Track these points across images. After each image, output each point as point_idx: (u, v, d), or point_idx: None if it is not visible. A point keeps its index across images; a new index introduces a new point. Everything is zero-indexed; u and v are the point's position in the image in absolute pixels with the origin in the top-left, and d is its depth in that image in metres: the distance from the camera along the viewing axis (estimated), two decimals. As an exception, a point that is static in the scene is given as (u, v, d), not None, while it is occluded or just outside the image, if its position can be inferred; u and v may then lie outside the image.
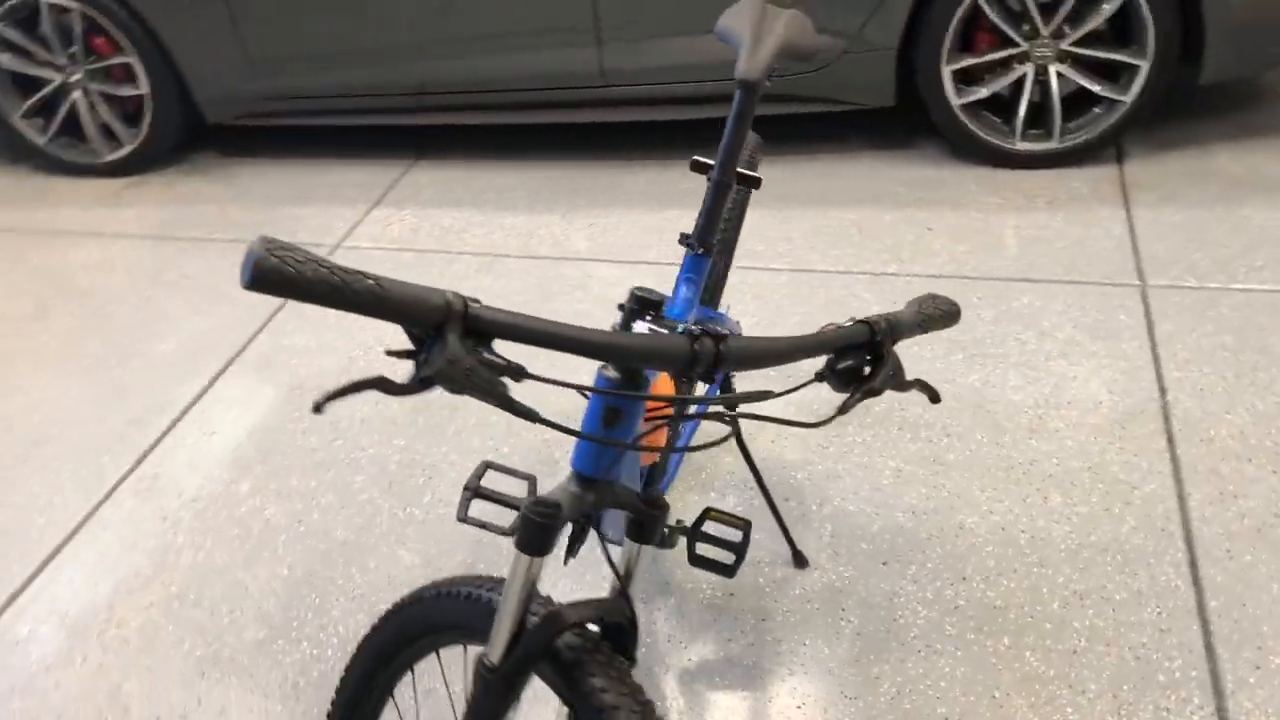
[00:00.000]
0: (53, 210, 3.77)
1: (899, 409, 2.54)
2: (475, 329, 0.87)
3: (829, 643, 2.01)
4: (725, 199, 1.68)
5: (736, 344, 1.03)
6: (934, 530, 2.22)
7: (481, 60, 3.48)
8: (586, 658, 1.11)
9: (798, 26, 1.69)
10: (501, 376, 0.90)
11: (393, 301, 0.82)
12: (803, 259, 3.13)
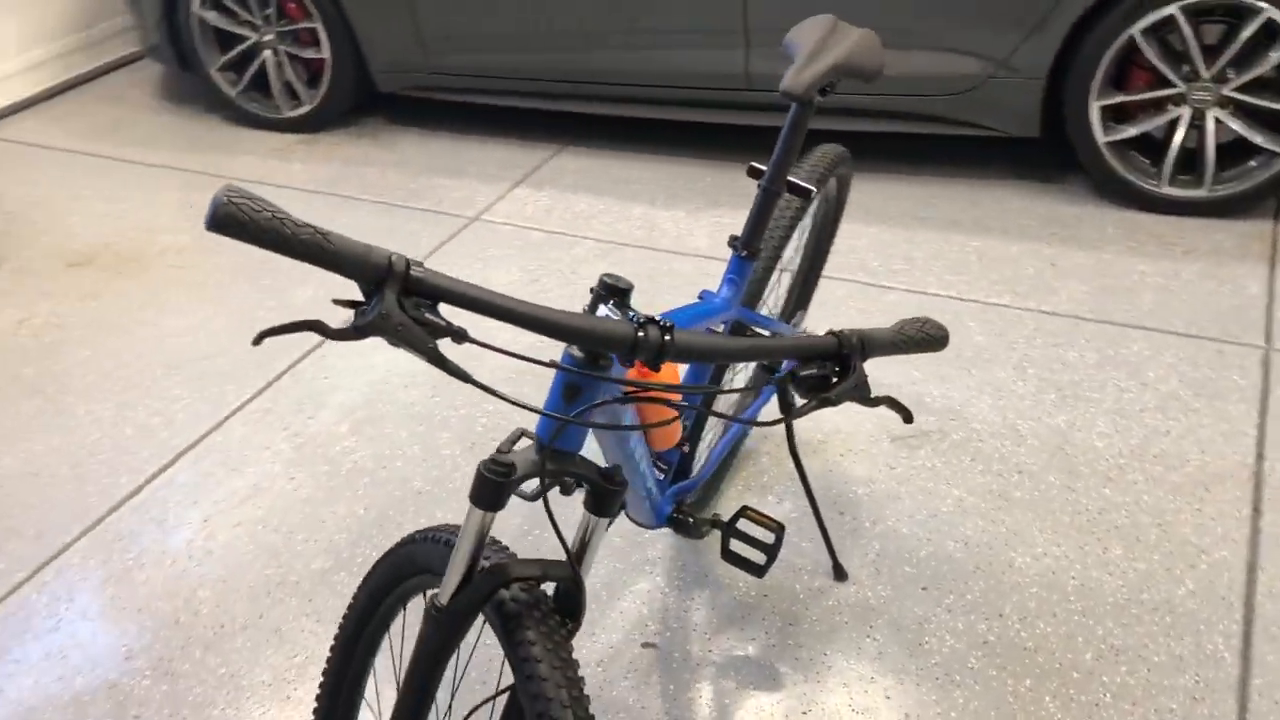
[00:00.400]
0: (232, 158, 4.08)
1: (975, 439, 2.52)
2: (415, 290, 0.97)
3: (849, 657, 2.03)
4: (773, 206, 1.73)
5: (685, 336, 1.09)
6: (982, 563, 2.20)
7: (635, 54, 3.59)
8: (526, 612, 1.19)
9: (863, 46, 1.72)
10: (443, 337, 0.99)
11: (335, 254, 0.92)
12: (917, 280, 3.11)
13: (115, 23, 4.87)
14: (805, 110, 1.70)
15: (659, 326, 1.07)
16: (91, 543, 2.39)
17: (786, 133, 1.70)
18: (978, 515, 2.32)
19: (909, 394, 2.67)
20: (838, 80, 1.69)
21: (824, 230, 2.38)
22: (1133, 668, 1.97)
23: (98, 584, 2.28)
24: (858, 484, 2.43)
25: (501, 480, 1.17)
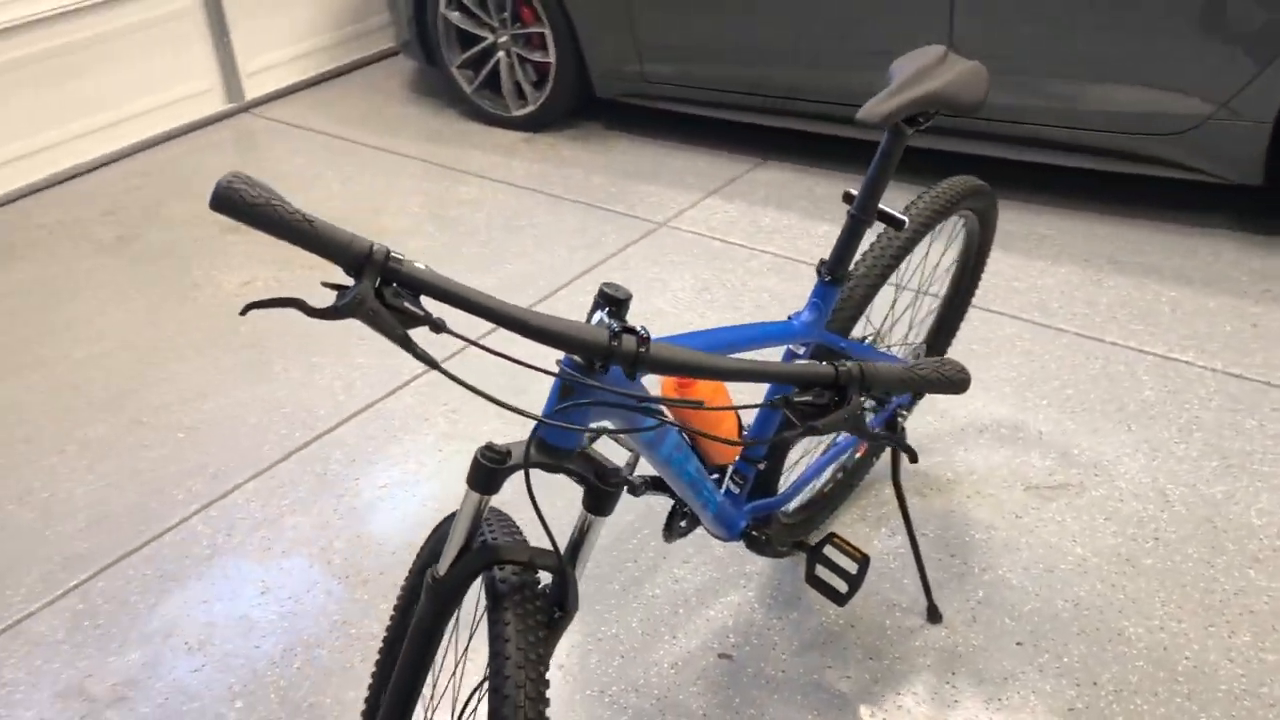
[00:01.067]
0: (462, 151, 4.37)
1: (1115, 499, 2.39)
2: (393, 279, 1.06)
3: (921, 701, 1.99)
4: (861, 233, 1.72)
5: (664, 349, 1.13)
6: (1088, 628, 2.10)
7: (835, 72, 3.58)
8: (510, 594, 1.27)
9: (962, 79, 1.68)
10: (420, 326, 1.08)
11: (318, 239, 1.03)
12: (1095, 327, 2.96)
13: (375, 20, 5.29)
14: (896, 139, 1.69)
15: (636, 337, 1.12)
16: (257, 486, 2.65)
17: (876, 160, 1.69)
18: (1097, 578, 2.21)
19: (1057, 443, 2.55)
20: (932, 111, 1.66)
21: (966, 265, 2.32)
22: (1229, 762, 1.83)
23: (253, 525, 2.54)
24: (977, 528, 2.35)
25: (494, 466, 1.26)
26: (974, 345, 2.93)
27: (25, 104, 4.22)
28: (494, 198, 3.97)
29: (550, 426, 1.28)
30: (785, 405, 1.21)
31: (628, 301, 1.22)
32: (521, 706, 1.19)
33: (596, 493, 1.32)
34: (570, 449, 1.30)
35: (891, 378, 1.21)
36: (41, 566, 2.45)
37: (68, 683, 2.16)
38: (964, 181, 2.03)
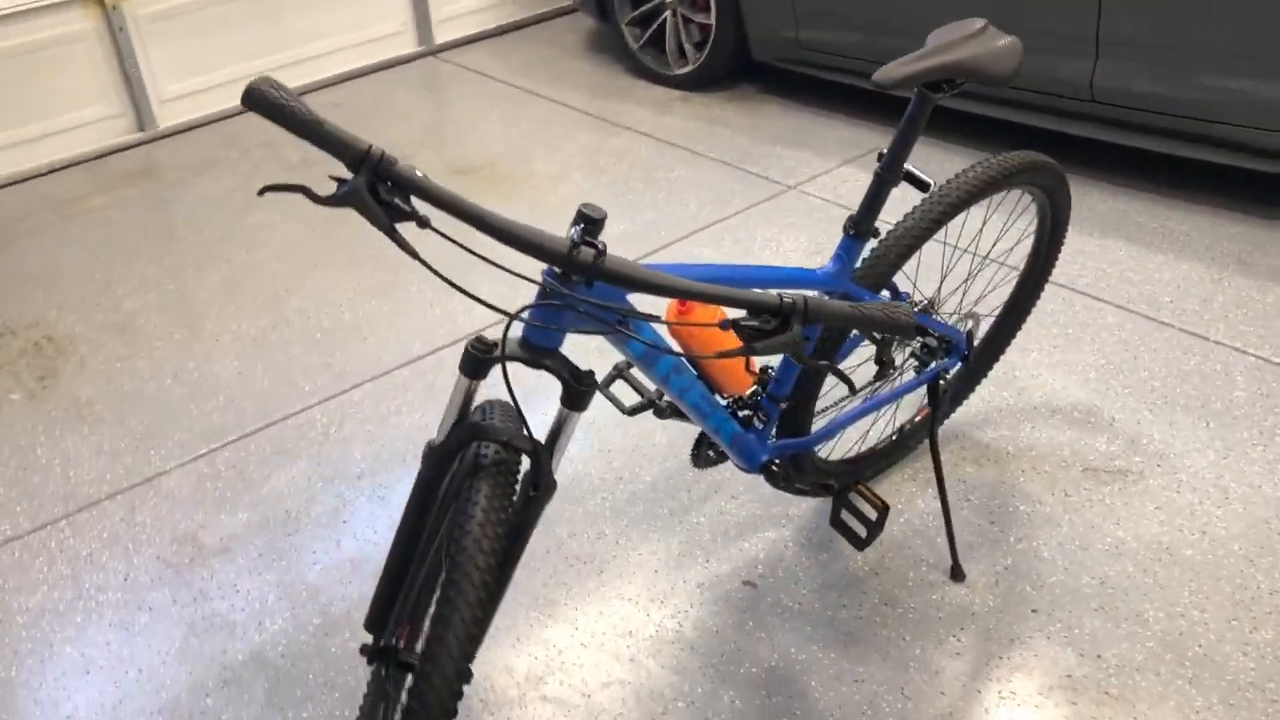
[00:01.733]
0: (620, 105, 4.57)
1: (1171, 489, 2.38)
2: (386, 177, 1.25)
3: (926, 649, 2.08)
4: (886, 192, 1.82)
5: (619, 263, 1.29)
6: (1107, 605, 2.13)
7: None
8: (489, 469, 1.45)
9: (994, 52, 1.74)
10: (407, 221, 1.27)
11: (325, 137, 1.23)
12: (1203, 325, 2.90)
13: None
14: (922, 104, 1.77)
15: (594, 250, 1.29)
16: (373, 387, 2.95)
17: (903, 123, 1.78)
18: (1130, 560, 2.23)
19: (1128, 431, 2.55)
20: (958, 80, 1.73)
21: (1040, 245, 2.35)
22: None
23: (362, 419, 2.83)
24: (1023, 501, 2.40)
25: (480, 356, 1.45)
26: (1069, 329, 2.93)
27: (243, 36, 4.68)
28: (640, 150, 4.15)
29: (533, 327, 1.46)
30: (733, 327, 1.34)
31: (602, 221, 1.37)
32: (475, 558, 1.38)
33: (571, 390, 1.49)
34: (550, 348, 1.48)
35: (836, 313, 1.32)
36: (182, 434, 2.81)
37: (185, 531, 2.50)
38: (1022, 156, 2.07)
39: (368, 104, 4.77)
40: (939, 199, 1.97)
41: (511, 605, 2.22)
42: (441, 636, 1.35)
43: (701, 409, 1.80)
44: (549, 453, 1.54)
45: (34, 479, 2.69)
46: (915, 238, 1.95)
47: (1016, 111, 3.66)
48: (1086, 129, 3.52)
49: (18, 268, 3.66)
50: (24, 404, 2.98)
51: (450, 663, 1.34)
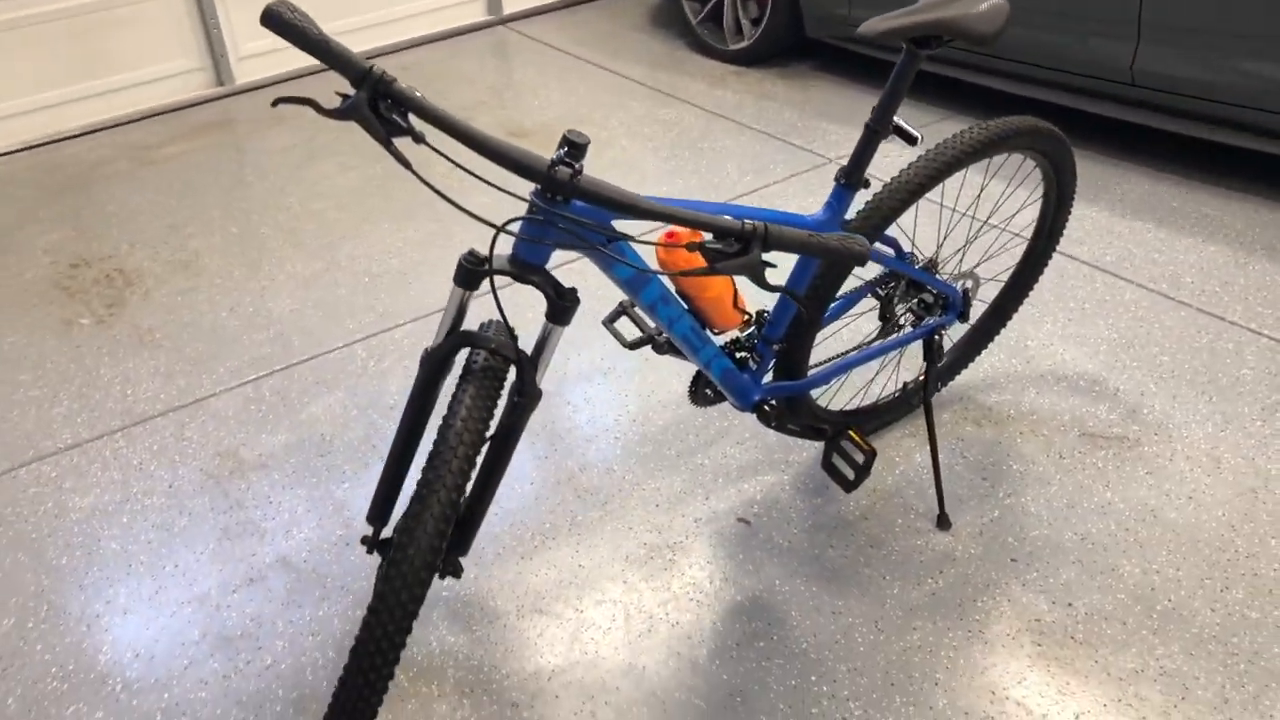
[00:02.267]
0: (675, 77, 4.68)
1: (1165, 458, 2.45)
2: (386, 94, 1.40)
3: (904, 588, 2.18)
4: (874, 144, 1.91)
5: (594, 182, 1.42)
6: (1085, 559, 2.21)
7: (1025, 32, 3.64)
8: (478, 373, 1.59)
9: (979, 13, 1.82)
10: (404, 136, 1.42)
11: (331, 54, 1.37)
12: (1221, 305, 2.94)
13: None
14: (910, 59, 1.86)
15: (570, 169, 1.42)
16: (413, 328, 3.11)
17: (892, 78, 1.88)
18: (1114, 519, 2.30)
19: (1130, 401, 2.62)
20: (941, 38, 1.83)
21: (1046, 213, 2.42)
22: (1169, 692, 1.93)
23: (400, 355, 2.99)
24: (1018, 460, 2.48)
25: (472, 268, 1.59)
26: (1087, 304, 2.99)
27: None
28: (689, 120, 4.27)
29: (522, 243, 1.59)
30: (699, 248, 1.46)
31: (585, 147, 1.50)
32: (455, 449, 1.52)
33: (555, 305, 1.63)
34: (535, 264, 1.61)
35: (793, 239, 1.44)
36: (233, 362, 3.01)
37: (227, 447, 2.69)
38: (1020, 120, 2.15)
39: (436, 68, 4.95)
40: (934, 157, 2.06)
41: (519, 528, 2.37)
42: (415, 520, 1.49)
43: (690, 341, 1.92)
44: (533, 364, 1.67)
45: (96, 395, 2.90)
46: (909, 192, 2.04)
47: (1056, 93, 3.70)
48: (1126, 113, 3.55)
49: (96, 207, 3.90)
50: (92, 328, 3.21)
51: (422, 544, 1.48)
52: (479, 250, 1.60)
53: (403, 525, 1.50)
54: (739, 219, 1.43)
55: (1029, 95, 3.79)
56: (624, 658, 2.06)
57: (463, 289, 1.62)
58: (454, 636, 2.12)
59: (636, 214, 1.44)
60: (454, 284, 1.63)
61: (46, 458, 2.69)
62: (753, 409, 2.16)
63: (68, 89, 4.44)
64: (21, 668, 2.12)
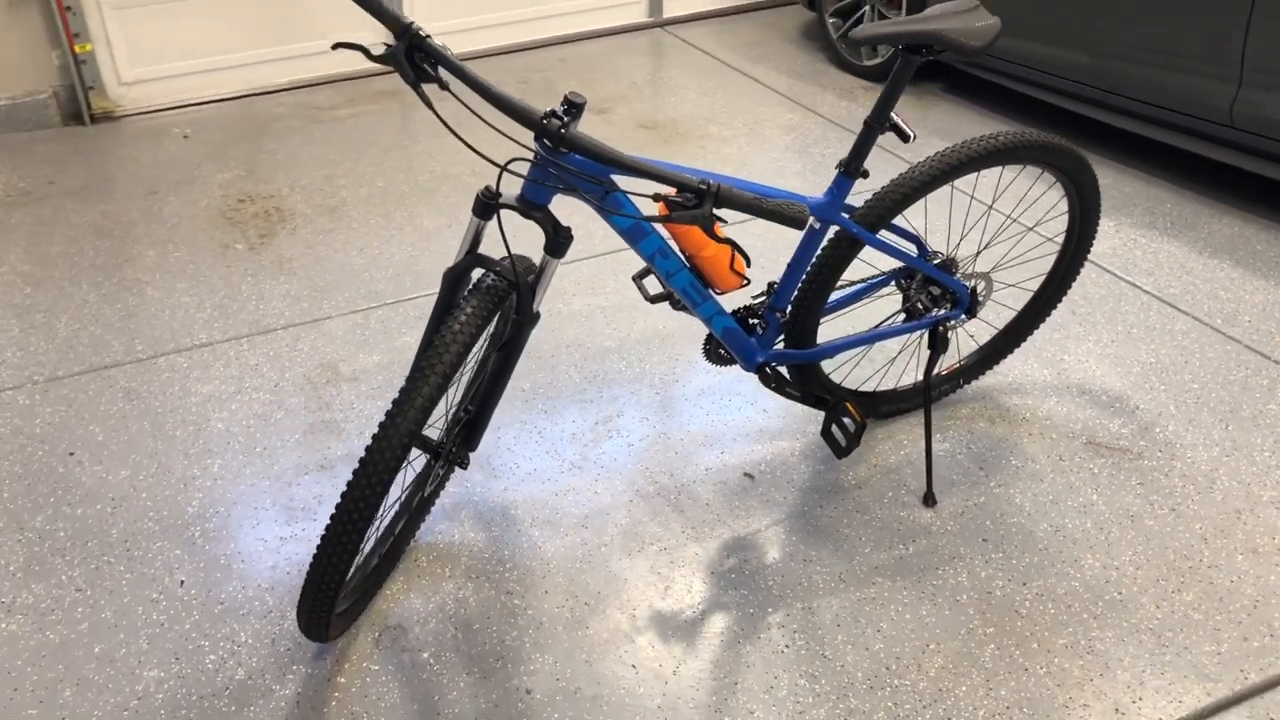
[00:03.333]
0: (806, 86, 4.92)
1: (1161, 472, 2.56)
2: (420, 47, 1.73)
3: (875, 549, 2.39)
4: (872, 138, 2.14)
5: (580, 135, 1.72)
6: (1051, 548, 2.37)
7: (1131, 68, 3.73)
8: (480, 292, 1.90)
9: (970, 29, 2.02)
10: (431, 83, 1.75)
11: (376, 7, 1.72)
12: (1274, 345, 3.00)
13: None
14: (904, 64, 2.08)
15: (560, 121, 1.72)
16: (507, 282, 3.47)
17: (889, 79, 2.10)
18: (1091, 519, 2.44)
19: (1145, 420, 2.73)
20: (934, 48, 2.04)
21: (1071, 229, 2.58)
22: (1089, 668, 2.09)
23: (489, 303, 3.35)
24: (1018, 457, 2.64)
25: (487, 201, 1.91)
26: (1134, 329, 3.10)
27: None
28: (807, 127, 4.51)
29: (529, 184, 1.90)
30: (660, 198, 1.74)
31: (582, 106, 1.80)
32: (449, 347, 1.84)
33: (551, 240, 1.93)
34: (538, 203, 1.92)
35: (741, 199, 1.70)
36: (350, 293, 3.44)
37: (330, 360, 3.10)
38: (1032, 134, 2.33)
39: (589, 61, 5.33)
40: (939, 159, 2.27)
41: (553, 457, 2.68)
42: (405, 397, 1.82)
43: (690, 295, 2.19)
44: (531, 289, 1.98)
45: (233, 306, 3.38)
46: (913, 189, 2.26)
47: (1154, 128, 3.77)
48: (1224, 154, 3.60)
49: (269, 154, 4.43)
50: (244, 253, 3.70)
51: (407, 418, 1.81)
52: (493, 189, 1.92)
53: (395, 401, 1.83)
54: (702, 179, 1.70)
55: (1126, 128, 3.87)
56: (611, 569, 2.35)
57: (478, 218, 1.95)
58: (474, 534, 2.46)
59: (615, 165, 1.73)
60: (472, 214, 1.96)
61: (182, 351, 3.17)
62: (755, 370, 2.41)
63: (266, 50, 5.03)
64: (128, 508, 2.57)
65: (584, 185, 1.92)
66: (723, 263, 2.18)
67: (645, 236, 2.08)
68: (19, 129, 4.77)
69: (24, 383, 3.04)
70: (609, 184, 1.86)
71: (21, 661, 2.17)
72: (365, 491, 1.81)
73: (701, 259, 2.17)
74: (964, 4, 2.11)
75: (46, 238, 3.84)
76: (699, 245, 2.13)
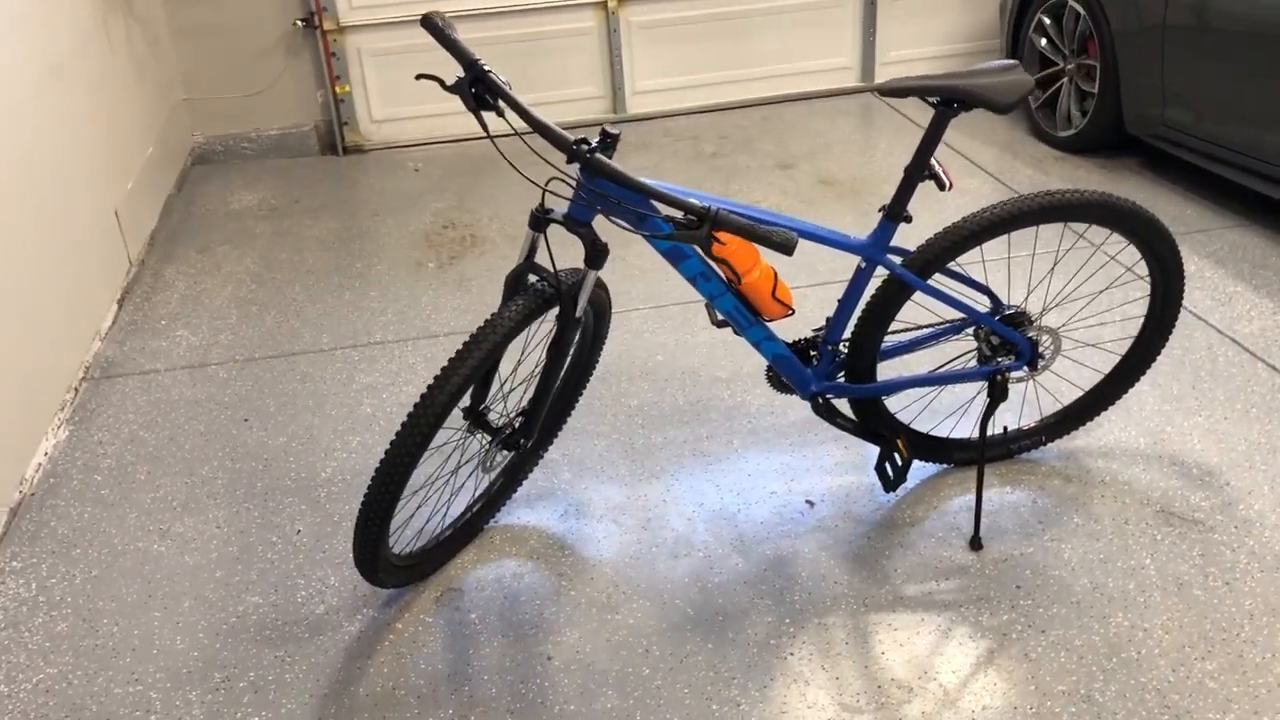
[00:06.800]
0: (996, 153, 4.94)
1: (1229, 548, 2.51)
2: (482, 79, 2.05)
3: (907, 583, 2.48)
4: (913, 185, 2.28)
5: (603, 161, 1.99)
6: (1084, 602, 2.38)
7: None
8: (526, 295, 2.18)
9: (1001, 86, 2.12)
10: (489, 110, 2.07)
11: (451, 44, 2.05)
12: None
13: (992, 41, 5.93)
14: (940, 117, 2.21)
15: (589, 147, 2.00)
16: (648, 312, 3.76)
17: (926, 131, 2.24)
18: (1136, 581, 2.43)
19: (1230, 495, 2.66)
20: (965, 103, 2.15)
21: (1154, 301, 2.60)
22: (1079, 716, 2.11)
23: (626, 331, 3.65)
24: (1081, 516, 2.64)
25: (540, 216, 2.20)
26: (1254, 409, 3.00)
27: (709, 49, 5.71)
28: (981, 191, 4.56)
29: (575, 204, 2.18)
30: (669, 220, 1.98)
31: (617, 138, 2.07)
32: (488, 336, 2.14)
33: (590, 254, 2.20)
34: (582, 221, 2.19)
35: (735, 223, 1.90)
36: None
37: (472, 365, 3.49)
38: (1098, 194, 2.38)
39: (789, 122, 5.58)
40: (990, 211, 2.37)
41: (641, 467, 2.93)
42: (444, 374, 2.13)
43: (735, 319, 2.40)
44: (572, 298, 2.25)
45: (410, 314, 3.85)
46: (963, 238, 2.37)
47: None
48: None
49: (481, 189, 4.95)
50: (433, 270, 4.19)
51: (445, 392, 2.12)
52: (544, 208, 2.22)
53: (437, 376, 2.15)
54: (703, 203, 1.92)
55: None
56: (656, 567, 2.56)
57: (533, 230, 2.25)
58: (548, 522, 2.74)
59: (632, 188, 1.99)
60: (528, 227, 2.26)
61: (359, 347, 3.65)
62: (809, 399, 2.57)
63: (495, 98, 5.60)
64: (276, 467, 3.02)
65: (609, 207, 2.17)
66: (764, 290, 2.37)
67: (685, 259, 2.31)
68: (284, 155, 5.54)
69: (227, 360, 3.60)
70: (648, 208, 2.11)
71: (160, 576, 2.63)
72: (399, 455, 2.13)
73: (742, 285, 2.37)
74: (1003, 63, 2.23)
75: (280, 246, 4.48)
76: (740, 271, 2.34)
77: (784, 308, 2.41)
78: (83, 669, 2.37)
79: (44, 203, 3.38)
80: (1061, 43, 4.85)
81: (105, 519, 2.84)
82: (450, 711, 2.22)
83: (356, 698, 2.26)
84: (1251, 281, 3.68)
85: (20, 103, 3.33)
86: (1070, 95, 4.85)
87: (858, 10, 5.81)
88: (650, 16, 5.59)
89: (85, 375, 3.52)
